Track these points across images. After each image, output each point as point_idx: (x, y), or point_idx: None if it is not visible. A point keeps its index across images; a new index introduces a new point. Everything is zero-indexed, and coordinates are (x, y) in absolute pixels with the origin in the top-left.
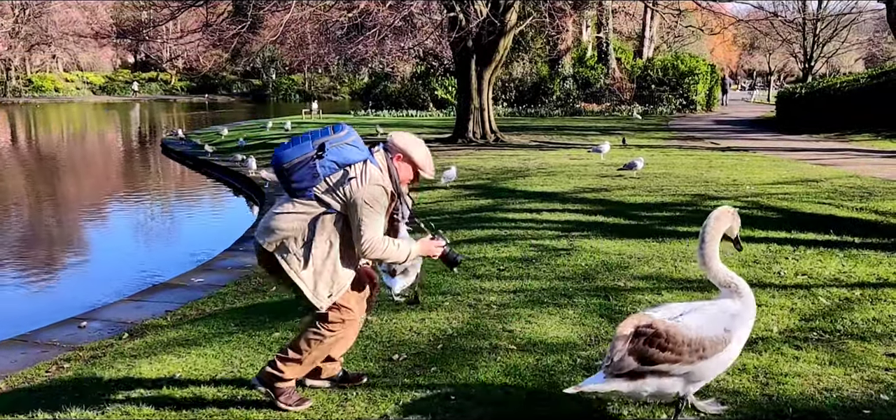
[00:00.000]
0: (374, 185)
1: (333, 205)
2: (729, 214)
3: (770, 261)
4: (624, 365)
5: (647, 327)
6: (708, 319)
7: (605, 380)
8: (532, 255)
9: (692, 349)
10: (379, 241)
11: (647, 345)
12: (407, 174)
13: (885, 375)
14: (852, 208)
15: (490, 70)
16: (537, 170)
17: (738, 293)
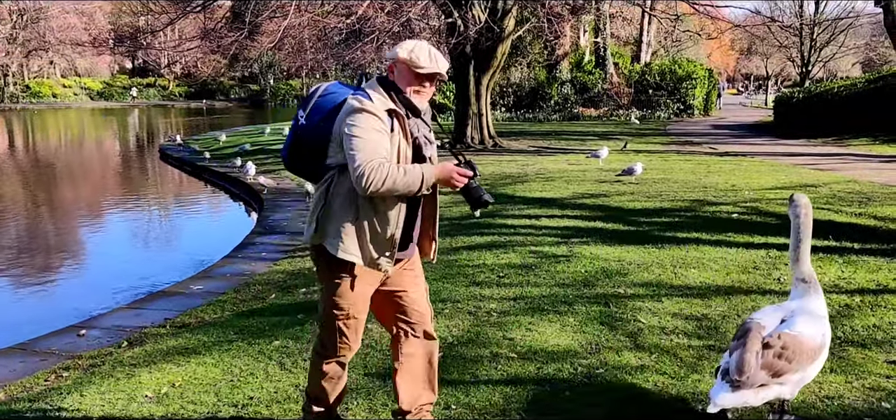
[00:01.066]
0: (354, 113)
1: (337, 158)
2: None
3: (770, 267)
4: (757, 379)
5: (775, 340)
6: (813, 323)
7: (735, 392)
8: (532, 262)
9: (811, 356)
10: (375, 164)
11: (777, 358)
12: (407, 80)
13: (887, 383)
14: (851, 213)
15: (488, 76)
16: (536, 175)
17: (815, 287)
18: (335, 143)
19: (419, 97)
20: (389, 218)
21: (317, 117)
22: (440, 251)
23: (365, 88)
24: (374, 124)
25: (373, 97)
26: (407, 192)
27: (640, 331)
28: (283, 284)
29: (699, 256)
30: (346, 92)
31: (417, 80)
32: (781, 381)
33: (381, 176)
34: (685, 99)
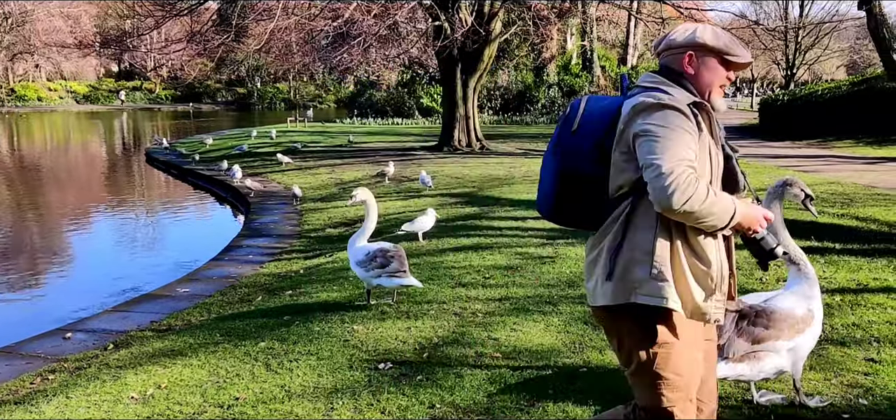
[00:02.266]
0: (650, 110)
1: (627, 177)
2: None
3: (752, 267)
4: (736, 348)
5: (749, 310)
6: (794, 299)
7: (727, 365)
8: (517, 263)
9: (790, 325)
10: (688, 175)
11: (753, 326)
12: (713, 74)
13: (865, 380)
14: (834, 214)
15: (475, 78)
16: (523, 178)
17: (805, 273)
18: (620, 161)
19: (718, 96)
20: (709, 246)
21: (590, 132)
22: (427, 252)
23: (653, 84)
24: (679, 122)
25: (669, 91)
26: (713, 225)
27: None
28: (269, 287)
29: None
30: (617, 99)
31: (726, 72)
32: (766, 347)
33: (698, 192)
34: None
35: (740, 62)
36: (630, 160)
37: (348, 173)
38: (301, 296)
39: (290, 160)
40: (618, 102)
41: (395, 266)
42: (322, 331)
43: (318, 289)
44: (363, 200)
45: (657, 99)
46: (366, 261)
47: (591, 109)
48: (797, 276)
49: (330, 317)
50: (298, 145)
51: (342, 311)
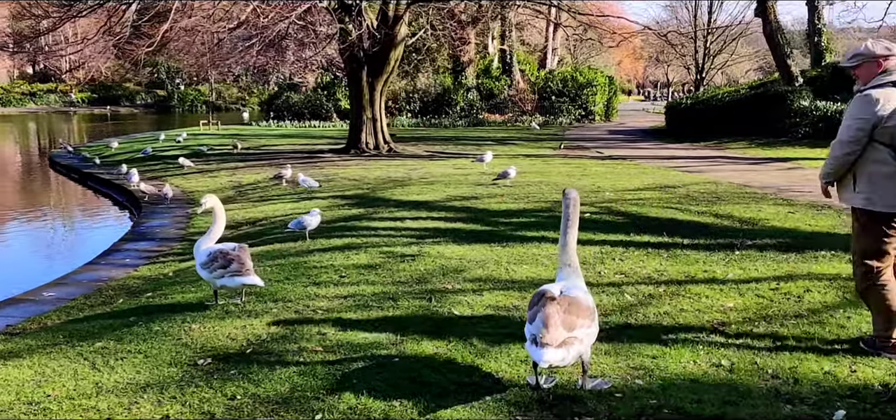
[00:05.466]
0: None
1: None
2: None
3: (597, 261)
4: (559, 336)
5: (563, 299)
6: (583, 293)
7: (545, 349)
8: (378, 262)
9: (590, 313)
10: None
11: (567, 314)
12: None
13: (650, 363)
14: (695, 212)
15: (381, 81)
16: (419, 179)
17: (577, 273)
18: None
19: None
20: None
21: None
22: (297, 252)
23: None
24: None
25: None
26: None
27: (449, 322)
28: (133, 289)
29: (537, 253)
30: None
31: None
32: (576, 335)
33: None
34: (586, 105)
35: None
36: None
37: (248, 176)
38: (159, 297)
39: (191, 164)
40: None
41: (236, 266)
42: (160, 330)
43: (177, 291)
44: (211, 207)
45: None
46: (208, 262)
47: None
48: (570, 275)
49: (174, 317)
50: (205, 149)
51: (190, 311)
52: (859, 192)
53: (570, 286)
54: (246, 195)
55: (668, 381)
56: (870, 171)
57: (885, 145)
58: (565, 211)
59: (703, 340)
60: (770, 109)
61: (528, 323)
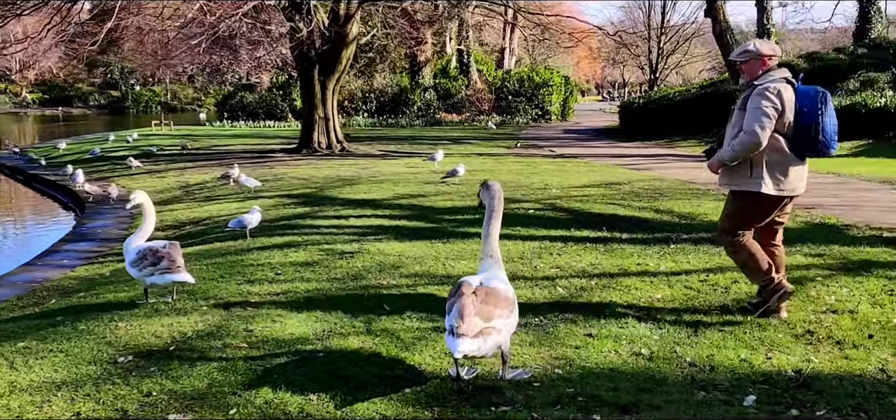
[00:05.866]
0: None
1: None
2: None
3: (534, 256)
4: (475, 326)
5: (480, 290)
6: (502, 283)
7: (462, 339)
8: (316, 260)
9: (509, 304)
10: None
11: (484, 304)
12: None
13: (573, 353)
14: (637, 207)
15: (334, 80)
16: (368, 178)
17: (498, 264)
18: None
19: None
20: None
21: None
22: (237, 251)
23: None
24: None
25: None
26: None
27: (379, 317)
28: (67, 290)
29: (477, 249)
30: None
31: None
32: (494, 325)
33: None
34: (542, 105)
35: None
36: None
37: (196, 176)
38: (92, 297)
39: (140, 164)
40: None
41: (166, 264)
42: (86, 329)
43: (110, 290)
44: (139, 203)
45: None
46: (137, 260)
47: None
48: (491, 266)
49: (102, 316)
50: (154, 149)
51: (119, 310)
52: (757, 177)
53: (491, 277)
54: (192, 195)
55: (588, 370)
56: (768, 158)
57: (781, 135)
58: (489, 203)
59: (627, 330)
60: (720, 108)
61: (447, 314)
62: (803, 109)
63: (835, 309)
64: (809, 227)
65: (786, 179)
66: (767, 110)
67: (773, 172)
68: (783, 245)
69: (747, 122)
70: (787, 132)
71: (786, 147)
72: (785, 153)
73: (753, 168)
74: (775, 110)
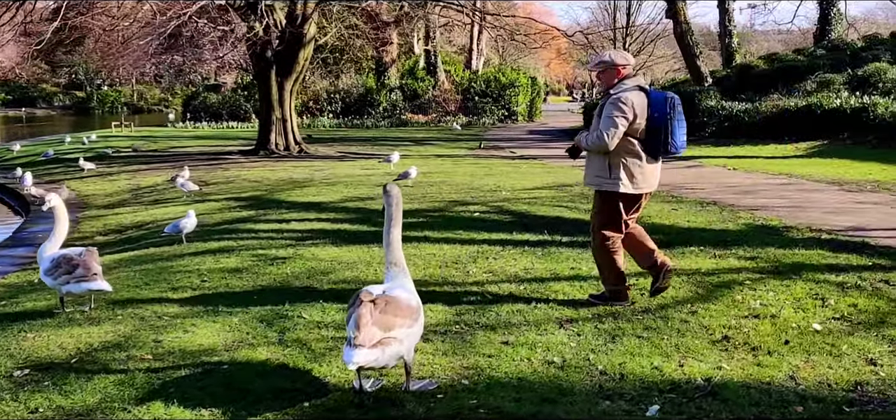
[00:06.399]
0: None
1: None
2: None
3: (470, 261)
4: (372, 336)
5: (380, 299)
6: (406, 292)
7: (360, 349)
8: (246, 266)
9: (411, 313)
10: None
11: (383, 314)
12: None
13: (484, 362)
14: (584, 210)
15: (291, 81)
16: (321, 180)
17: (405, 272)
18: None
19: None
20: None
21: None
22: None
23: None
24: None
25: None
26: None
27: (294, 326)
28: None
29: (414, 253)
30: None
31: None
32: (395, 335)
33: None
34: (509, 105)
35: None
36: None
37: (148, 179)
38: (12, 305)
39: (92, 166)
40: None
41: (81, 272)
42: None
43: (31, 299)
44: (52, 207)
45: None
46: (51, 268)
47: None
48: (397, 274)
49: (14, 326)
50: (109, 151)
51: (34, 319)
52: (615, 178)
53: (394, 286)
54: (140, 198)
55: (496, 380)
56: (624, 161)
57: (636, 140)
58: (387, 210)
59: (545, 338)
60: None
61: (346, 324)
62: (655, 115)
63: (757, 314)
64: (750, 229)
65: (642, 179)
66: (617, 119)
67: (629, 173)
68: (643, 230)
69: (601, 125)
70: (641, 136)
71: (640, 149)
72: (640, 155)
73: (612, 170)
74: (625, 118)
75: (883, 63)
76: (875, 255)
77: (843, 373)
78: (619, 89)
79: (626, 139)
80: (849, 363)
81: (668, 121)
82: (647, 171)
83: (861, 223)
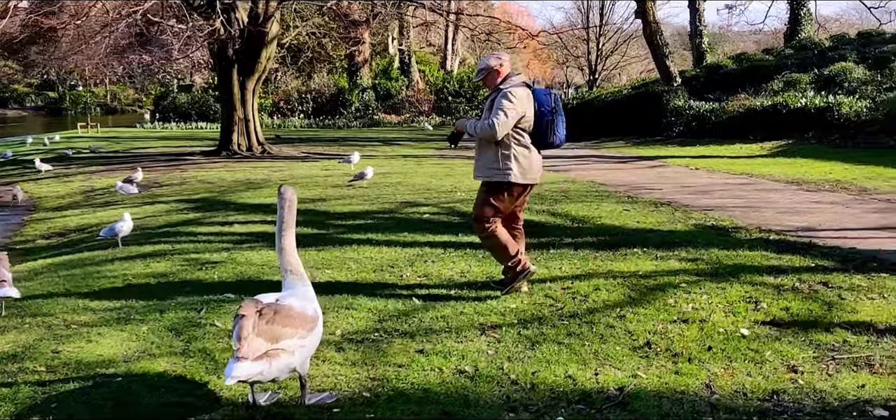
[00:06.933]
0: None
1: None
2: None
3: (407, 264)
4: (257, 348)
5: (268, 309)
6: (301, 300)
7: (243, 363)
8: (175, 271)
9: (304, 322)
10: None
11: (270, 324)
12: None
13: (394, 372)
14: (535, 210)
15: (253, 80)
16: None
17: (303, 281)
18: None
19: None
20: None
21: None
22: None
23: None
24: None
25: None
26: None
27: (204, 335)
28: None
29: (352, 256)
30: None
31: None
32: (284, 347)
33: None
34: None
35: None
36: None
37: (103, 180)
38: None
39: (49, 167)
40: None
41: None
42: None
43: None
44: None
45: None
46: None
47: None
48: (295, 282)
49: None
50: (69, 152)
51: None
52: (506, 169)
53: (289, 294)
54: (92, 200)
55: (400, 391)
56: (515, 152)
57: (525, 132)
58: (280, 213)
59: (463, 345)
60: (649, 109)
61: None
62: (542, 109)
63: (687, 318)
64: (698, 230)
65: (530, 169)
66: (508, 110)
67: (519, 164)
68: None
69: (492, 116)
70: (528, 129)
71: (528, 142)
72: (528, 147)
73: (502, 161)
74: (515, 111)
75: (848, 62)
76: (819, 256)
77: (761, 381)
78: (508, 84)
79: (516, 131)
80: (769, 370)
81: (552, 115)
82: (535, 162)
83: (813, 223)
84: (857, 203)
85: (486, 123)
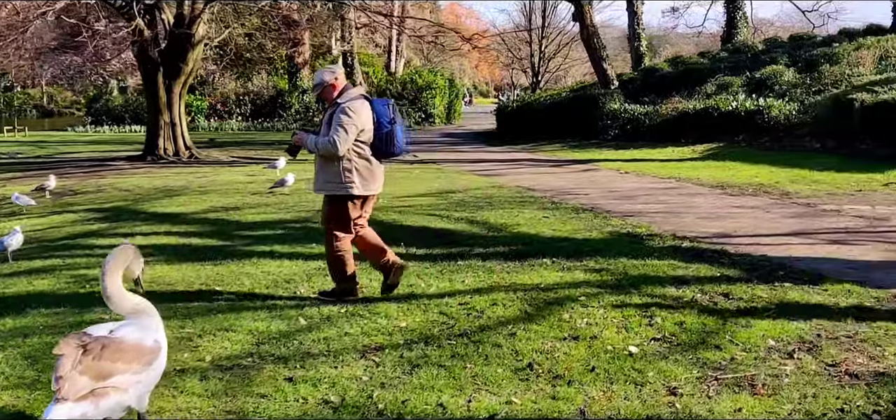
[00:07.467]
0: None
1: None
2: (129, 252)
3: (305, 279)
4: (80, 386)
5: (94, 344)
6: (139, 331)
7: (64, 404)
8: (60, 289)
9: (140, 356)
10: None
11: (97, 360)
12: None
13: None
14: (454, 218)
15: (180, 83)
16: (197, 188)
17: (147, 313)
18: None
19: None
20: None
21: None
22: None
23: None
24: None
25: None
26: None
27: None
28: None
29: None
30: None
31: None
32: (115, 383)
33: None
34: (426, 108)
35: None
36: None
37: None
38: None
39: None
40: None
41: None
42: None
43: None
44: None
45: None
46: None
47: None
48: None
49: None
50: None
51: None
52: (348, 182)
53: (126, 324)
54: None
55: None
56: (356, 165)
57: (364, 144)
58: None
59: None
60: (586, 112)
61: None
62: (381, 121)
63: (578, 334)
64: (613, 237)
65: (371, 180)
66: (347, 125)
67: (361, 176)
68: (374, 232)
69: (332, 132)
70: (368, 141)
71: (368, 154)
72: (369, 159)
73: (344, 174)
74: (354, 125)
75: (779, 65)
76: (728, 264)
77: (638, 405)
78: (345, 98)
79: (356, 144)
80: (649, 393)
81: (392, 125)
82: (376, 172)
83: (729, 229)
84: (776, 207)
85: (327, 140)
